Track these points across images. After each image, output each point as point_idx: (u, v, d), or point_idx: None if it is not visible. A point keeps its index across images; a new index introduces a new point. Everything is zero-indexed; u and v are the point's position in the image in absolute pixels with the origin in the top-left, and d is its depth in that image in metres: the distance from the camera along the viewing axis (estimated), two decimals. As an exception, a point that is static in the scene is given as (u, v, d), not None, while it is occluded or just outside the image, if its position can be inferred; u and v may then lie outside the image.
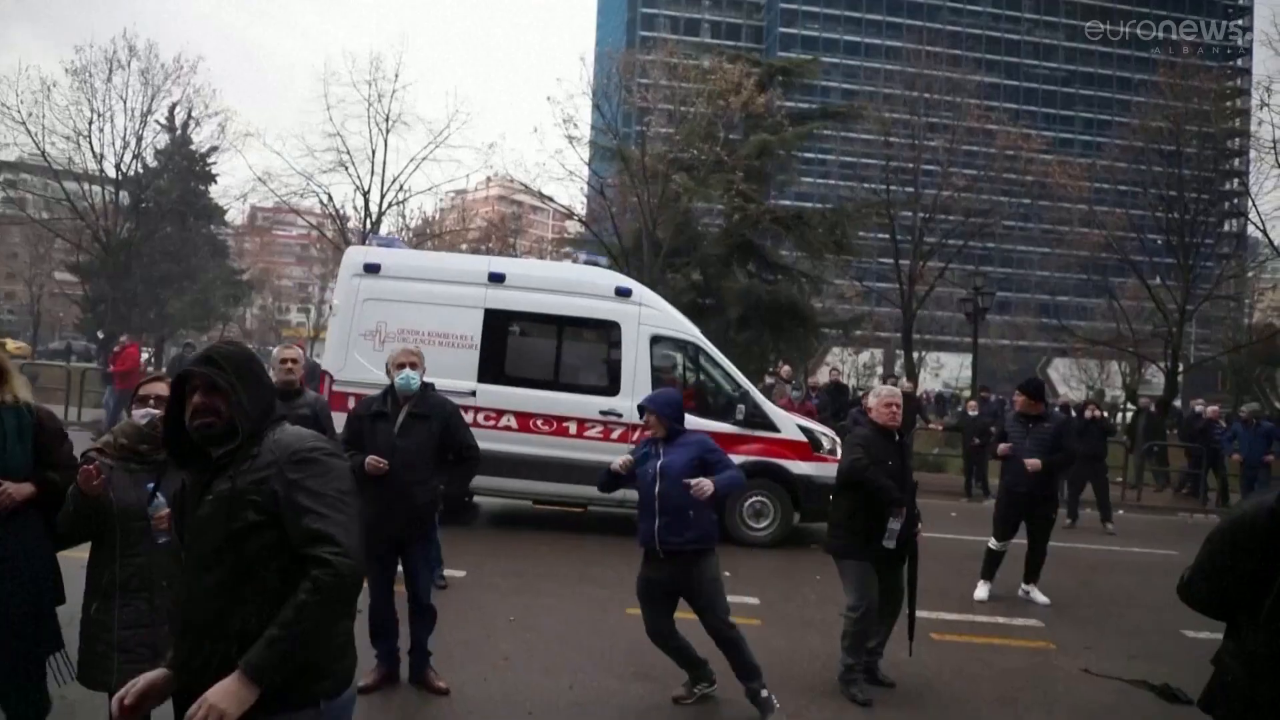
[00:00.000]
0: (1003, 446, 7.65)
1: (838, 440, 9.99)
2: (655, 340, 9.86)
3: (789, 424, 10.02)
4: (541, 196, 24.08)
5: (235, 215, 36.14)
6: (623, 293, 9.92)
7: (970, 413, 16.14)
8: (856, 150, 26.45)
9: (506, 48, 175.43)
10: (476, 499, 11.21)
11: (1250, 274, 35.44)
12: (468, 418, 8.81)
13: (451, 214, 39.31)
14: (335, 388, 9.28)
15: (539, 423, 9.49)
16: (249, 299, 42.81)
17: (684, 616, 4.94)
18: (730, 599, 7.06)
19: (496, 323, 9.67)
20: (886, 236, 24.04)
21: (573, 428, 9.52)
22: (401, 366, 4.88)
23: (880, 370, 46.46)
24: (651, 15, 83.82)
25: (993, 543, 7.80)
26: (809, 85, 33.89)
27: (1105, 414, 14.44)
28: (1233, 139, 29.55)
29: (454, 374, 9.04)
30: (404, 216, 31.43)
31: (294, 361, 5.70)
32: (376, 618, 4.91)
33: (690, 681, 5.06)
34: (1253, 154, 28.20)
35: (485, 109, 77.51)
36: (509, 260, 11.17)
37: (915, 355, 30.61)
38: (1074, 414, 13.24)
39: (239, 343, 2.46)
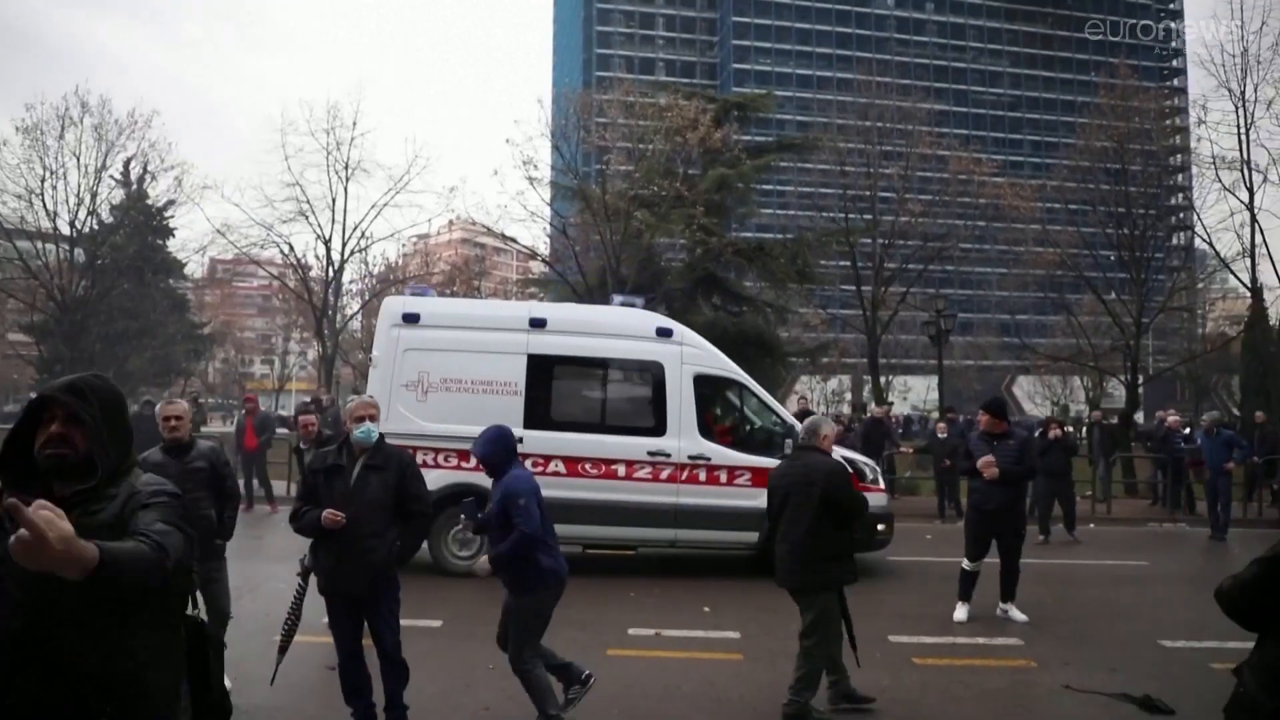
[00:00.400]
0: (983, 461, 7.57)
1: (879, 470, 10.05)
2: (698, 379, 9.83)
3: (834, 455, 9.86)
4: (504, 238, 24.14)
5: (194, 268, 35.74)
6: (664, 333, 9.94)
7: (939, 434, 16.28)
8: (814, 180, 26.85)
9: (464, 93, 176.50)
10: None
11: (1200, 285, 36.36)
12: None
13: (415, 259, 39.24)
14: None
15: (587, 466, 9.43)
16: (210, 353, 42.24)
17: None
18: (711, 634, 7.11)
19: (540, 368, 9.61)
20: (847, 264, 24.35)
21: (621, 470, 9.46)
22: (361, 419, 4.79)
23: (849, 396, 46.82)
24: (607, 56, 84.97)
25: (966, 563, 7.83)
26: (764, 119, 34.47)
27: (1069, 430, 14.67)
28: (1174, 155, 30.45)
29: (499, 420, 9.01)
30: (367, 263, 31.34)
31: (178, 419, 5.44)
32: (347, 677, 4.80)
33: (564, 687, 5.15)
34: (1194, 169, 29.07)
35: (445, 153, 77.53)
36: (548, 305, 11.42)
37: (882, 380, 30.89)
38: (1036, 433, 13.39)
39: (108, 379, 2.31)
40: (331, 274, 25.15)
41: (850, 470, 9.68)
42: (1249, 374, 24.66)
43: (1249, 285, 26.63)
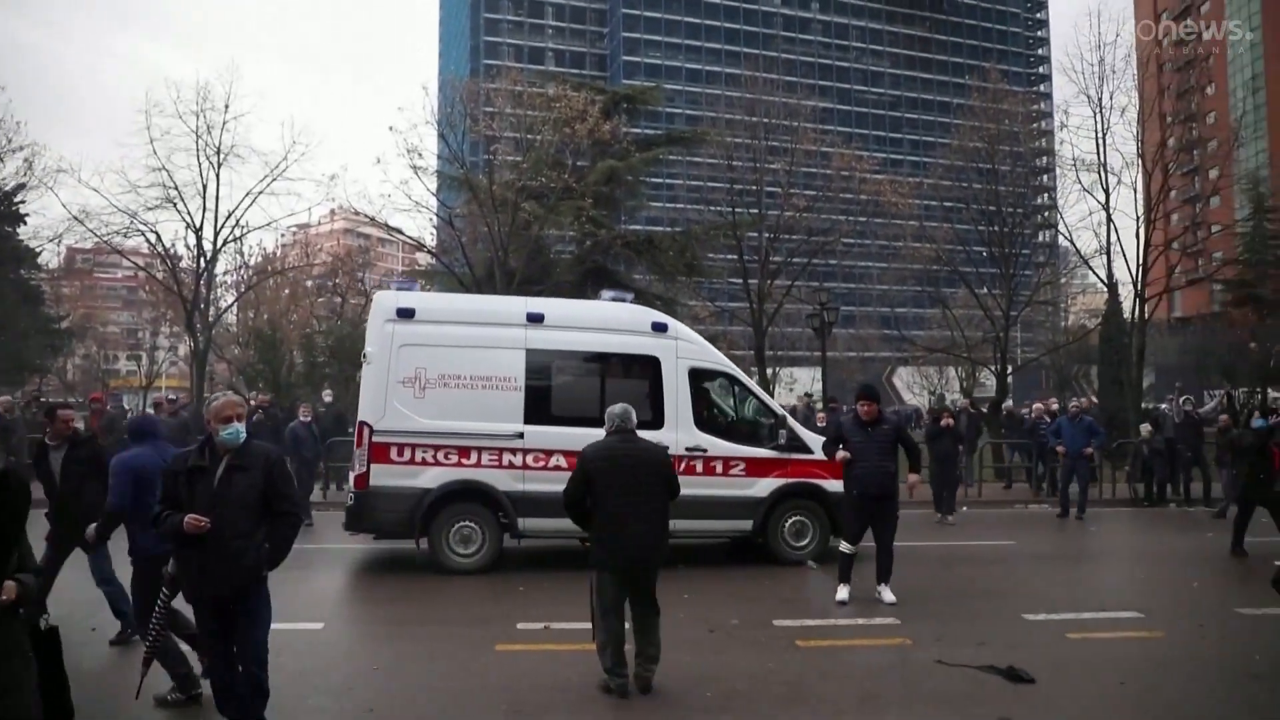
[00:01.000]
0: (840, 454, 7.93)
1: None
2: (693, 373, 9.95)
3: (815, 441, 10.19)
4: (388, 229, 23.50)
5: (50, 258, 33.41)
6: (659, 328, 10.04)
7: (819, 424, 16.75)
8: (702, 174, 27.13)
9: (346, 77, 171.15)
10: (340, 545, 10.78)
11: (1063, 280, 38.61)
12: (516, 460, 9.22)
13: (294, 249, 37.82)
14: (376, 438, 9.03)
15: None
16: (69, 348, 39.59)
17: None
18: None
19: (539, 363, 9.57)
20: (735, 257, 24.74)
21: None
22: (229, 420, 4.53)
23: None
24: (495, 44, 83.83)
25: (844, 546, 8.06)
26: (654, 112, 34.67)
27: (955, 419, 15.43)
28: (1040, 157, 32.19)
29: (500, 417, 9.21)
30: (242, 254, 30.02)
31: None
32: (219, 685, 4.57)
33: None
34: (1058, 171, 30.84)
35: (325, 140, 74.65)
36: (544, 300, 11.15)
37: (769, 371, 31.58)
38: (917, 419, 14.09)
39: None
40: (203, 265, 23.93)
41: None
42: (1105, 364, 26.28)
43: (1105, 281, 28.44)
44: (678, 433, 9.60)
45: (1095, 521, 14.04)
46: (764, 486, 9.84)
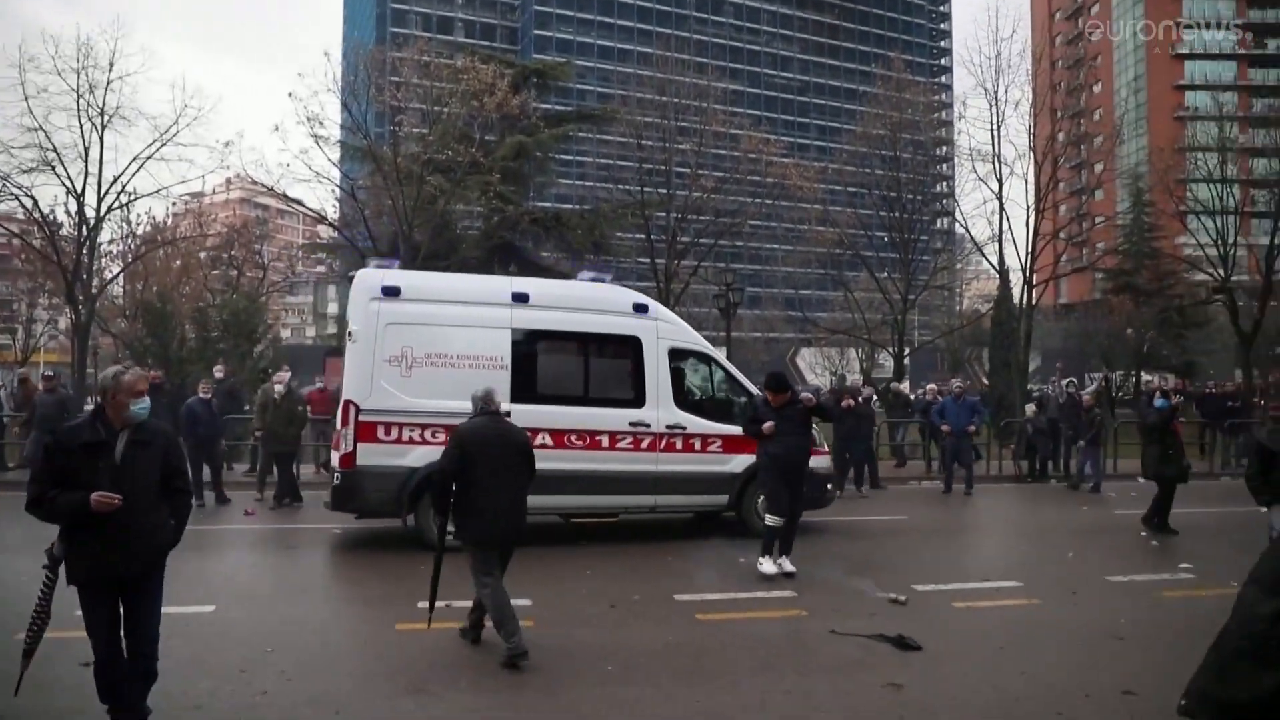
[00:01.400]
0: (767, 425, 8.12)
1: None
2: (672, 352, 10.21)
3: None
4: (287, 199, 22.73)
5: (-90, 223, 31.13)
6: (640, 309, 10.24)
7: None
8: (612, 153, 27.14)
9: (242, 38, 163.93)
10: (233, 526, 10.46)
11: (958, 266, 40.04)
12: None
13: (186, 219, 36.14)
14: (363, 417, 9.02)
15: (573, 438, 9.59)
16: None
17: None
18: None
19: (525, 342, 9.67)
20: (643, 236, 24.85)
21: (605, 441, 9.71)
22: (140, 394, 4.35)
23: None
24: (402, 11, 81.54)
25: (770, 519, 8.23)
26: (564, 88, 34.37)
27: (859, 400, 15.91)
28: (940, 146, 33.23)
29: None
30: (129, 222, 28.54)
31: None
32: (104, 673, 4.33)
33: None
34: (956, 160, 31.92)
35: (221, 105, 71.38)
36: (528, 280, 11.28)
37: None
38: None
39: None
40: (85, 233, 22.66)
41: None
42: (996, 347, 27.40)
43: (997, 267, 29.60)
44: (658, 410, 9.89)
45: (982, 496, 14.71)
46: (739, 462, 10.04)
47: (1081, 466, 15.74)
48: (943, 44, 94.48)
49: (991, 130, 26.51)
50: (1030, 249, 26.57)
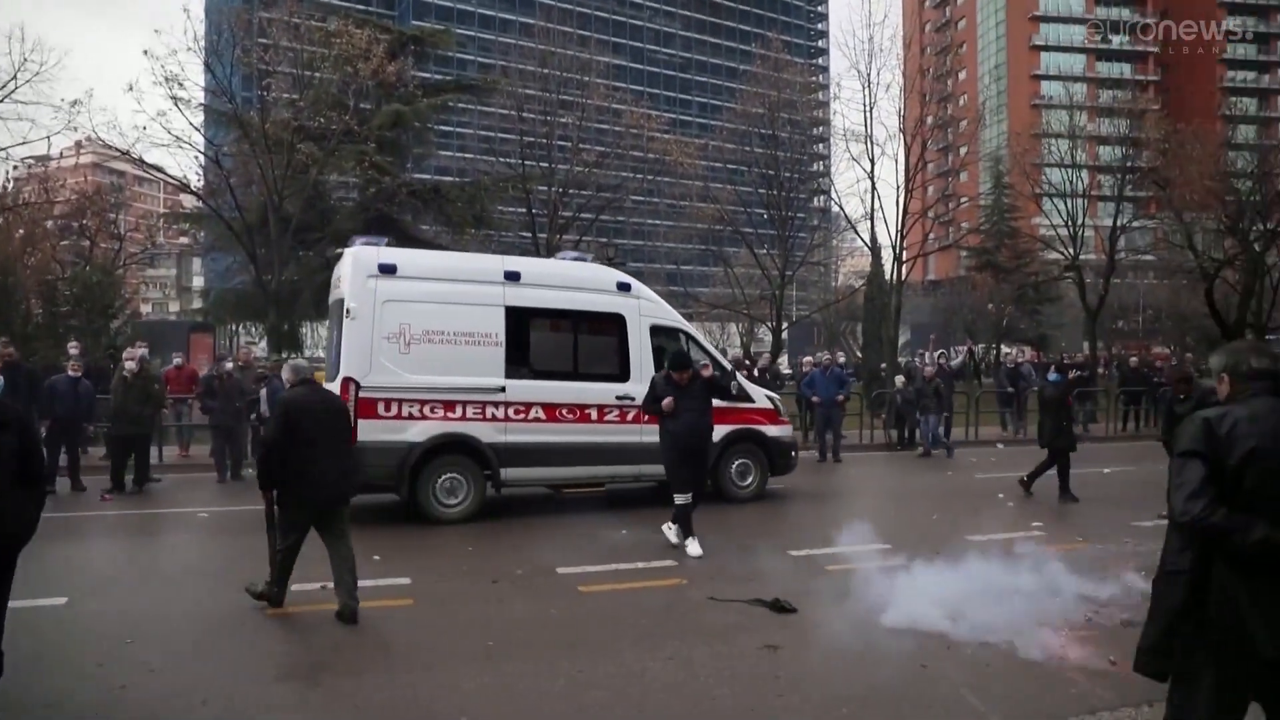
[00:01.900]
0: (666, 401, 8.10)
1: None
2: (653, 329, 10.62)
3: (760, 395, 11.45)
4: (144, 165, 21.35)
5: None
6: (623, 287, 10.65)
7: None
8: (493, 124, 26.62)
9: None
10: (87, 513, 9.86)
11: (833, 243, 41.32)
12: (499, 413, 9.63)
13: (30, 184, 33.51)
14: (363, 394, 9.12)
15: (564, 412, 9.95)
16: None
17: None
18: (381, 581, 6.96)
19: (517, 319, 9.89)
20: (524, 210, 24.58)
21: (594, 414, 10.08)
22: None
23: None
24: (269, -30, 77.45)
25: (678, 498, 8.18)
26: (443, 56, 33.53)
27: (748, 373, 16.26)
28: (817, 126, 34.09)
29: (482, 371, 9.59)
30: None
31: None
32: None
33: None
34: (831, 140, 32.83)
35: (68, 61, 66.25)
36: (520, 259, 11.60)
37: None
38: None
39: None
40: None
41: None
42: (869, 321, 28.50)
43: (869, 244, 30.67)
44: (642, 384, 9.98)
45: (853, 464, 15.32)
46: (716, 433, 10.00)
47: (926, 435, 16.55)
48: (820, 26, 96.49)
49: (864, 111, 27.39)
50: (900, 227, 27.65)
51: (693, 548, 8.03)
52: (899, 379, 18.47)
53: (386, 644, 5.59)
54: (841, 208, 31.37)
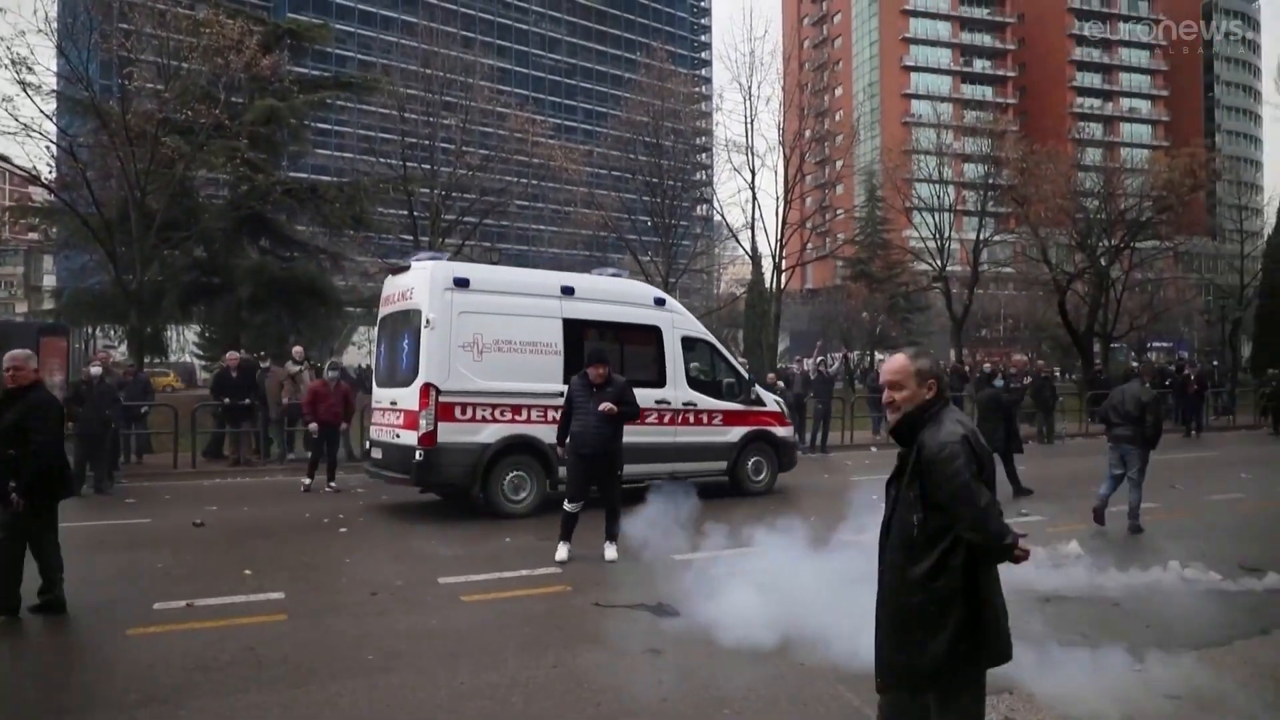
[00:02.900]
0: (604, 406, 8.01)
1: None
2: (685, 341, 11.77)
3: (770, 399, 12.77)
4: (-13, 154, 19.80)
5: None
6: (659, 302, 11.90)
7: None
8: (373, 124, 25.93)
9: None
10: None
11: (716, 251, 42.11)
12: (558, 417, 9.47)
13: None
14: (442, 399, 9.78)
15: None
16: None
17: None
18: (253, 597, 6.69)
19: (572, 330, 10.74)
20: (405, 213, 24.05)
21: (638, 416, 10.39)
22: None
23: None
24: (130, -48, 73.22)
25: (568, 505, 8.09)
26: (321, 51, 32.49)
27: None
28: (700, 136, 34.71)
29: (544, 377, 10.41)
30: None
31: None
32: None
33: None
34: (714, 150, 33.47)
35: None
36: (572, 275, 12.27)
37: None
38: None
39: None
40: None
41: None
42: (749, 328, 29.17)
43: (750, 253, 31.42)
44: (676, 390, 11.47)
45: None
46: (736, 433, 12.02)
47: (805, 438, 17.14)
48: (703, 38, 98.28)
49: (746, 123, 28.14)
50: (779, 237, 28.45)
51: (561, 552, 7.97)
52: (778, 384, 18.95)
53: (258, 661, 5.37)
54: (723, 217, 32.05)
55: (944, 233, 35.91)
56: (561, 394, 10.06)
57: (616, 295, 11.57)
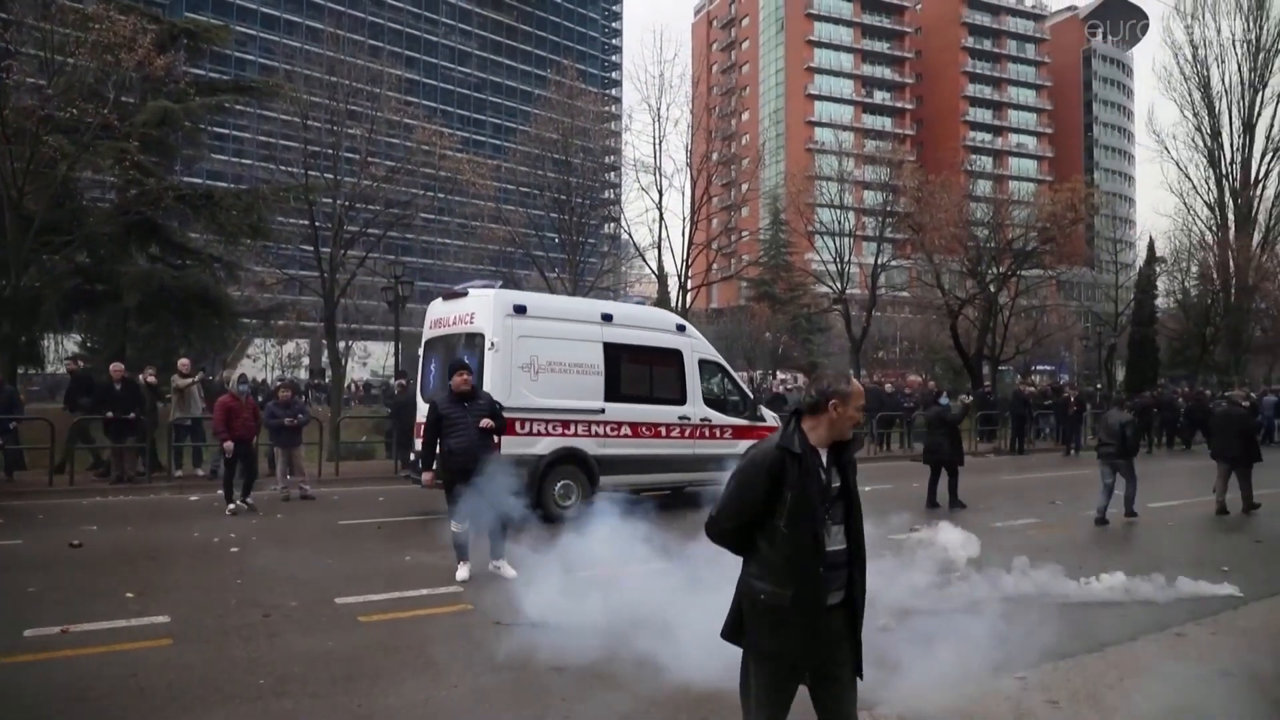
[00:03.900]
0: (426, 476, 7.96)
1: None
2: (700, 363, 13.03)
3: (770, 416, 13.92)
4: None
5: None
6: (680, 328, 13.16)
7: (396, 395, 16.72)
8: (274, 130, 25.15)
9: None
10: None
11: (623, 269, 42.36)
12: (599, 430, 11.67)
13: None
14: (506, 414, 9.57)
15: (644, 429, 12.18)
16: None
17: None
18: (135, 622, 6.38)
19: (611, 353, 11.90)
20: (306, 223, 23.39)
21: (663, 431, 12.39)
22: None
23: (307, 361, 45.27)
24: (12, -59, 69.47)
25: (456, 525, 7.89)
26: (221, 54, 31.49)
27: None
28: (609, 155, 34.95)
29: (588, 396, 11.59)
30: None
31: None
32: None
33: None
34: (623, 169, 33.76)
35: None
36: (609, 303, 13.64)
37: (341, 345, 30.45)
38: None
39: None
40: None
41: None
42: (654, 347, 29.38)
43: (656, 272, 31.74)
44: (694, 407, 12.73)
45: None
46: (743, 446, 12.51)
47: None
48: (614, 58, 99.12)
49: (654, 144, 28.47)
50: (685, 256, 28.84)
51: (462, 572, 7.88)
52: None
53: (140, 690, 5.12)
54: (631, 235, 32.32)
55: (844, 257, 37.04)
56: (601, 410, 11.68)
57: (645, 321, 12.91)
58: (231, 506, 11.80)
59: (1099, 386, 39.42)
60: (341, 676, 5.38)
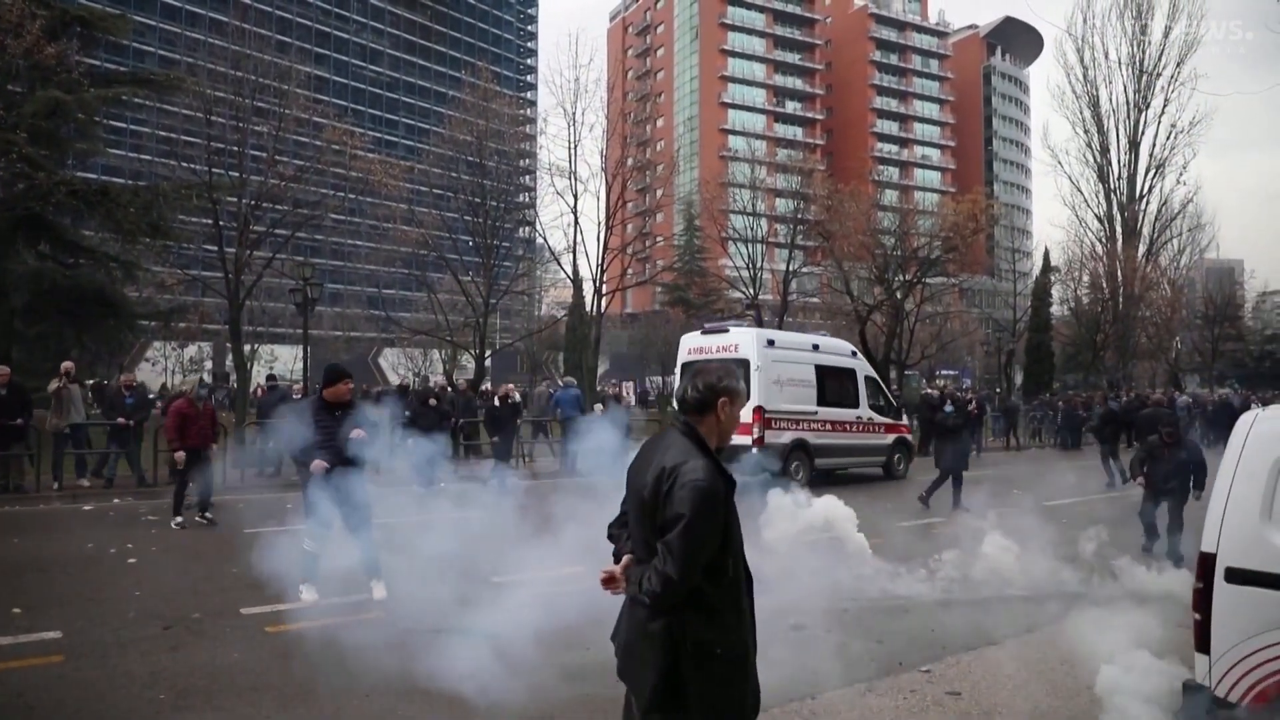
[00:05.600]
0: (317, 463, 7.13)
1: None
2: (865, 378, 17.62)
3: (905, 418, 19.56)
4: None
5: None
6: (853, 354, 18.09)
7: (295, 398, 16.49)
8: (175, 125, 24.19)
9: None
10: None
11: (538, 273, 42.18)
12: (815, 426, 16.11)
13: None
14: (767, 415, 15.01)
15: (838, 425, 16.61)
16: None
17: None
18: (24, 638, 6.08)
19: (820, 373, 16.46)
20: (210, 222, 22.61)
21: (848, 426, 16.89)
22: None
23: (209, 364, 43.66)
24: (-115, -84, 65.13)
25: (308, 543, 7.34)
26: (117, 44, 30.19)
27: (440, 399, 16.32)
28: (524, 159, 34.78)
29: (808, 402, 16.00)
30: None
31: None
32: None
33: None
34: (538, 173, 33.64)
35: None
36: (814, 336, 18.28)
37: (246, 348, 29.50)
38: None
39: None
40: None
41: None
42: (570, 350, 29.39)
43: (571, 276, 31.72)
44: (862, 410, 17.21)
45: (556, 490, 15.65)
46: (890, 438, 17.93)
47: None
48: (529, 61, 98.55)
49: (569, 148, 28.44)
50: (600, 261, 28.89)
51: (306, 594, 7.25)
52: (598, 407, 19.24)
53: (28, 709, 4.89)
54: (546, 239, 32.20)
55: (757, 263, 37.71)
56: (815, 412, 16.07)
57: (835, 349, 17.53)
58: (179, 519, 10.97)
59: (999, 390, 41.03)
60: (246, 688, 5.25)
